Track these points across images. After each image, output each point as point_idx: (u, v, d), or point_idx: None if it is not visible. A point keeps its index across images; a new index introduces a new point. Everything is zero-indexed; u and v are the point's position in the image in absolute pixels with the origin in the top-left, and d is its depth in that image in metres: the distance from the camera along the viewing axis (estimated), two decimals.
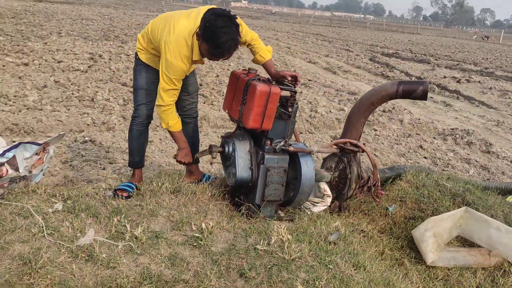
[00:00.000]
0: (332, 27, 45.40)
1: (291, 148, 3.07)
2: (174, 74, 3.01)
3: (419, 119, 8.21)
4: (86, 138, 5.57)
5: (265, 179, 3.06)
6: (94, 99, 7.24)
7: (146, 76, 3.32)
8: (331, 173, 3.44)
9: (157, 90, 3.17)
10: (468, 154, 6.57)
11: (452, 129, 7.83)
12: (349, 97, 9.68)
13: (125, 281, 2.37)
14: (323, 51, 20.03)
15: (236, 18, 2.90)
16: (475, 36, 52.93)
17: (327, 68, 14.94)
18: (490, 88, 12.92)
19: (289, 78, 3.14)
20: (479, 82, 13.90)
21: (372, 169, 3.51)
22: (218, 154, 3.24)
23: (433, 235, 3.05)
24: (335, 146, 3.42)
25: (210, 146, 3.21)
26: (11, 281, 2.27)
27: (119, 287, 2.35)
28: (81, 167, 4.72)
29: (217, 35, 2.81)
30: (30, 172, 3.11)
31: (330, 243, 2.87)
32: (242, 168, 3.07)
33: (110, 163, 4.95)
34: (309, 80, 11.63)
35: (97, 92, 7.70)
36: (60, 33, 15.06)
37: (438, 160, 6.18)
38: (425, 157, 6.28)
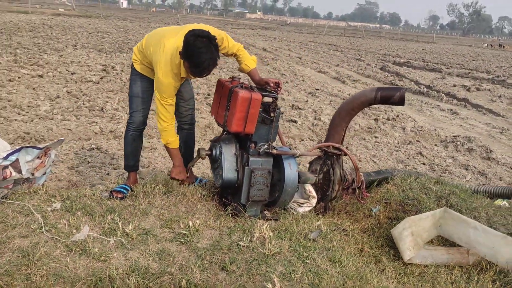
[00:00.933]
0: (346, 37, 45.54)
1: (274, 151, 3.26)
2: (165, 92, 3.26)
3: (422, 127, 8.31)
4: (93, 146, 5.82)
5: (249, 180, 3.25)
6: (104, 109, 7.53)
7: (141, 85, 3.55)
8: (316, 175, 3.61)
9: (156, 112, 3.42)
10: (468, 161, 6.66)
11: (454, 136, 7.91)
12: None
13: (115, 273, 2.56)
14: (334, 61, 20.20)
15: (215, 38, 3.09)
16: (485, 45, 52.94)
17: (336, 77, 15.10)
18: (500, 96, 12.93)
19: (272, 85, 3.33)
20: (489, 90, 13.90)
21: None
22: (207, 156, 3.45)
23: (411, 233, 3.19)
24: (318, 150, 3.59)
25: (199, 150, 3.42)
26: (10, 271, 2.48)
27: (109, 278, 2.54)
28: (86, 173, 4.97)
29: (196, 55, 3.01)
30: (33, 174, 3.34)
31: (310, 240, 3.04)
32: (228, 169, 3.27)
33: (114, 168, 5.18)
34: (316, 89, 11.81)
35: (107, 102, 8.00)
36: (75, 45, 15.53)
37: (436, 166, 6.28)
38: (423, 163, 6.39)
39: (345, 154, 3.53)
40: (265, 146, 3.25)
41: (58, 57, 12.50)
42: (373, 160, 6.29)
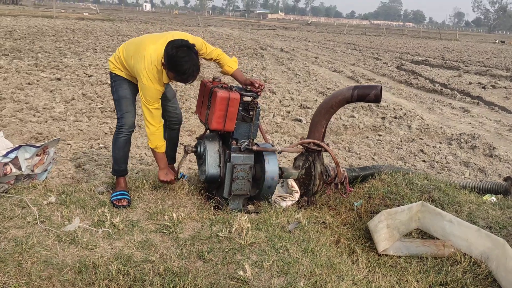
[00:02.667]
0: (366, 36, 45.28)
1: (255, 147, 3.44)
2: (151, 96, 3.38)
3: (428, 125, 8.34)
4: (101, 145, 6.10)
5: (231, 175, 3.44)
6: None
7: (128, 87, 3.65)
8: (299, 171, 3.77)
9: (144, 118, 3.50)
10: (469, 158, 6.69)
11: (460, 134, 7.93)
12: (363, 104, 9.87)
13: (100, 260, 2.78)
14: (351, 60, 20.19)
15: (194, 46, 3.26)
16: (497, 41, 52.89)
17: (350, 76, 15.13)
18: None
19: (256, 85, 3.50)
20: (505, 87, 13.76)
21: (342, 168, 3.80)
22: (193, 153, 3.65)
23: (387, 226, 3.32)
24: (299, 146, 3.75)
25: (185, 147, 3.62)
26: (4, 258, 2.72)
27: (93, 264, 2.76)
28: (92, 171, 5.23)
29: (180, 64, 3.18)
30: (33, 171, 3.60)
31: (286, 231, 3.20)
32: (212, 165, 3.47)
33: None
34: (328, 89, 11.88)
35: None
36: (95, 49, 15.97)
37: (436, 163, 6.34)
38: (423, 161, 6.46)
39: (326, 150, 3.68)
40: (246, 143, 3.43)
41: (77, 60, 12.92)
42: (373, 158, 6.39)
